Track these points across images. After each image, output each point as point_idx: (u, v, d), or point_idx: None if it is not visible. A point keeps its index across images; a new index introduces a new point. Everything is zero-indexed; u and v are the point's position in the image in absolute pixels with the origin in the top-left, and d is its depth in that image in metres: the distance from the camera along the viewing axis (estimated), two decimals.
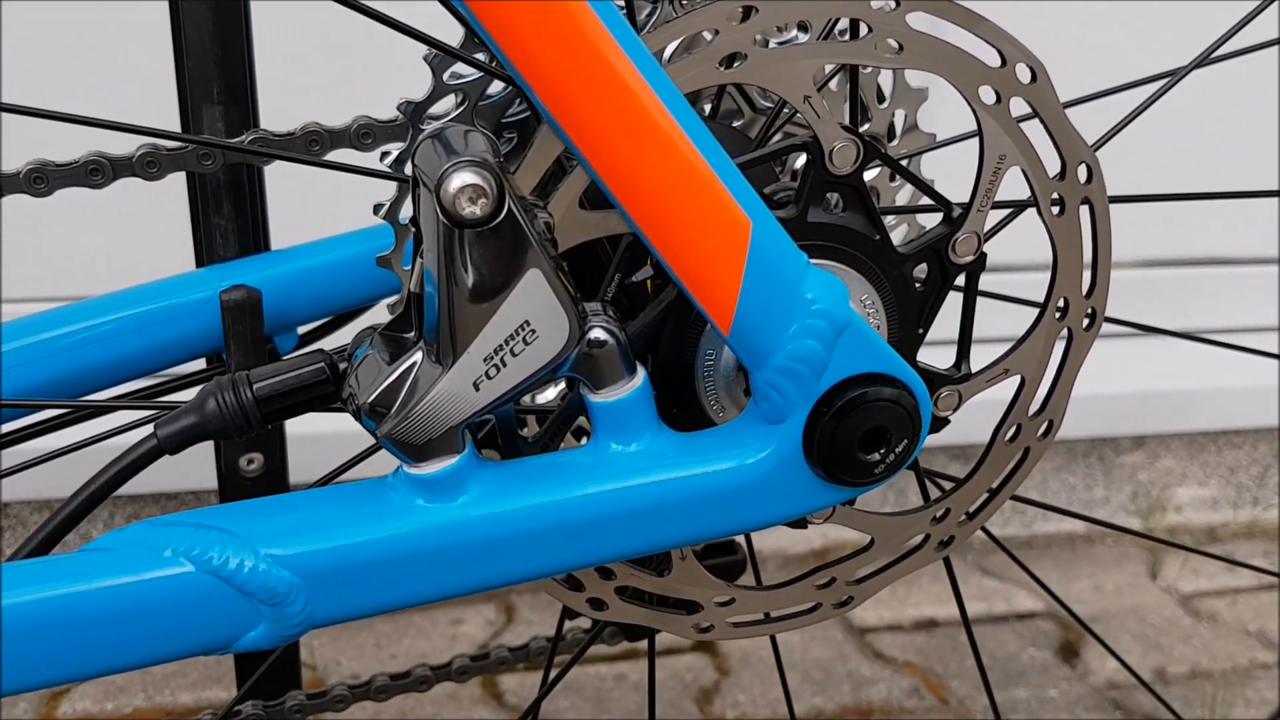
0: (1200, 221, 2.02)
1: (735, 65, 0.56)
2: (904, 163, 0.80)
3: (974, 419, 0.71)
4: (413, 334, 0.57)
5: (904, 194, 0.83)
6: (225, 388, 0.58)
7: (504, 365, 0.54)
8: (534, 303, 0.54)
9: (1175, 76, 0.76)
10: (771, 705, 1.53)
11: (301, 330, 0.88)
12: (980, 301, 0.65)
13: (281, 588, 0.55)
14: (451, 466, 0.56)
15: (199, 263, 0.86)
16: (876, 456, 0.59)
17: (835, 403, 0.57)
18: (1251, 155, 1.96)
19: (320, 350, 0.60)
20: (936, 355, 0.68)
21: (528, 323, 0.54)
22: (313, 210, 0.92)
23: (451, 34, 0.70)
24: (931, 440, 0.63)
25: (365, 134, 0.79)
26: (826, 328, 0.56)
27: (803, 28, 0.69)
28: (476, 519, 0.56)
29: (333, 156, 0.81)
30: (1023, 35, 0.59)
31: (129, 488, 0.77)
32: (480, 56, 0.68)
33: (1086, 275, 0.65)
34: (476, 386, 0.54)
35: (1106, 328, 2.19)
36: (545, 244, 0.54)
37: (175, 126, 0.84)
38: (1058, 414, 0.67)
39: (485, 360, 0.54)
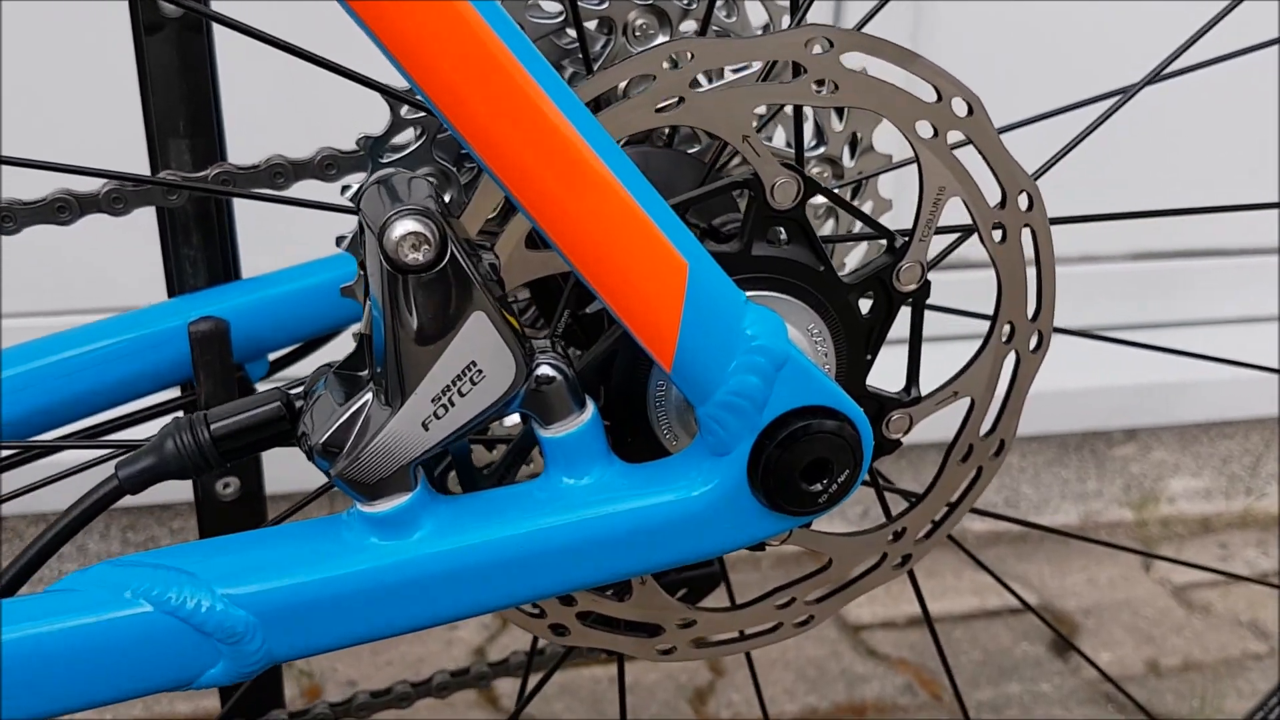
0: (1196, 189, 1.99)
1: (673, 108, 0.58)
2: (861, 183, 0.81)
3: None
4: (365, 373, 0.59)
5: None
6: (183, 428, 0.60)
7: (452, 405, 0.56)
8: (479, 344, 0.55)
9: (1127, 94, 0.77)
10: (766, 704, 1.55)
11: (272, 357, 0.89)
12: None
13: (238, 627, 0.56)
14: (403, 504, 0.57)
15: (170, 292, 0.88)
16: (819, 487, 0.60)
17: (777, 435, 0.59)
18: (1242, 150, 1.97)
19: (276, 389, 0.61)
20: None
21: (474, 363, 0.55)
22: (282, 236, 0.93)
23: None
24: None
25: (329, 165, 0.81)
26: (766, 363, 0.58)
27: None
28: (428, 556, 0.58)
29: (298, 186, 0.83)
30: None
31: (125, 501, 0.78)
32: None
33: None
34: (425, 426, 0.56)
35: (1100, 320, 2.15)
36: (490, 285, 0.55)
37: (144, 159, 0.85)
38: (1009, 434, 0.68)
39: (433, 401, 0.55)
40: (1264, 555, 1.94)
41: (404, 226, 0.52)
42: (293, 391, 0.62)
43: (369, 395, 0.56)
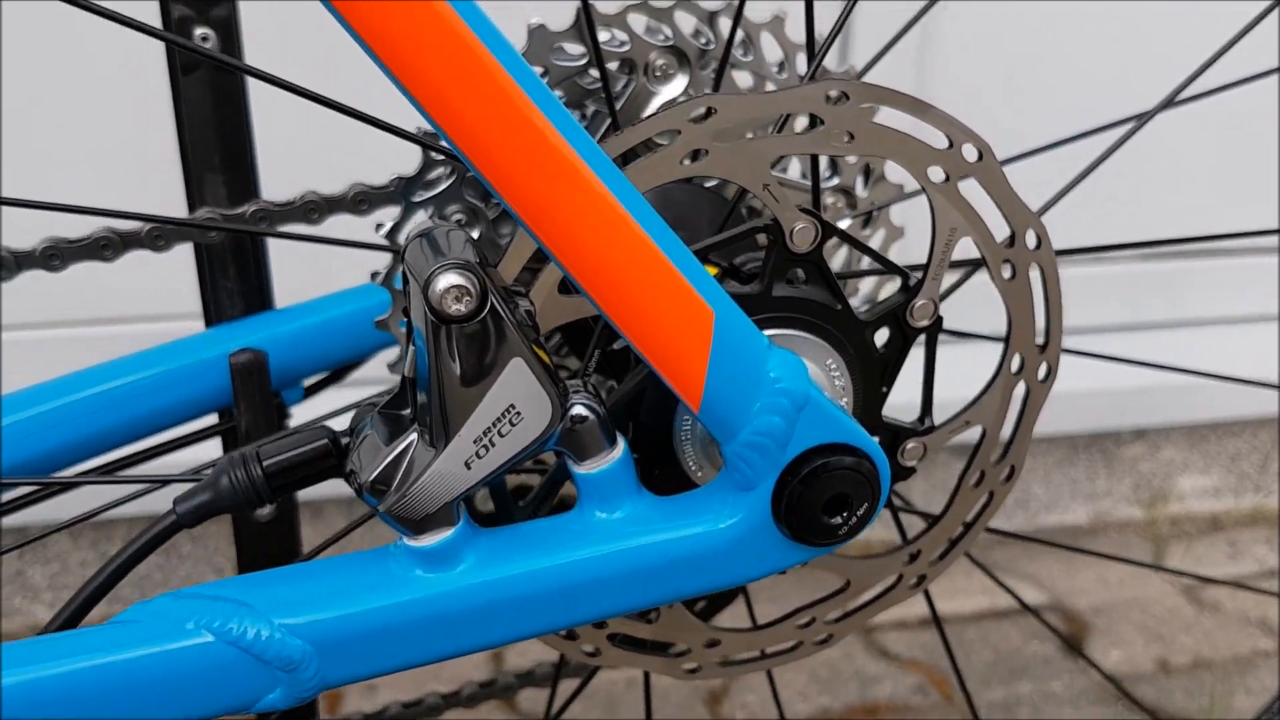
0: (1199, 210, 2.00)
1: (697, 160, 0.60)
2: (873, 213, 0.83)
3: None
4: (408, 412, 0.61)
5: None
6: (237, 464, 0.62)
7: (493, 445, 0.58)
8: (517, 388, 0.57)
9: (1139, 123, 0.79)
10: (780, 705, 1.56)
11: (306, 383, 0.91)
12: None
13: (295, 655, 0.59)
14: (448, 539, 0.60)
15: (207, 322, 0.90)
16: (839, 520, 0.62)
17: (800, 471, 0.61)
18: (1249, 153, 1.96)
19: (322, 426, 0.64)
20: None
21: (513, 405, 0.57)
22: (314, 266, 0.95)
23: None
24: None
25: (361, 201, 0.83)
26: (788, 405, 0.60)
27: None
28: (471, 587, 0.60)
29: (331, 220, 0.85)
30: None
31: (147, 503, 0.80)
32: None
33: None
34: (468, 465, 0.58)
35: (1105, 320, 2.13)
36: (526, 331, 0.57)
37: (180, 194, 0.87)
38: (1019, 460, 0.70)
39: (475, 442, 0.58)
40: (1273, 553, 1.93)
41: (447, 280, 0.54)
42: (336, 429, 0.64)
43: (414, 435, 0.58)
